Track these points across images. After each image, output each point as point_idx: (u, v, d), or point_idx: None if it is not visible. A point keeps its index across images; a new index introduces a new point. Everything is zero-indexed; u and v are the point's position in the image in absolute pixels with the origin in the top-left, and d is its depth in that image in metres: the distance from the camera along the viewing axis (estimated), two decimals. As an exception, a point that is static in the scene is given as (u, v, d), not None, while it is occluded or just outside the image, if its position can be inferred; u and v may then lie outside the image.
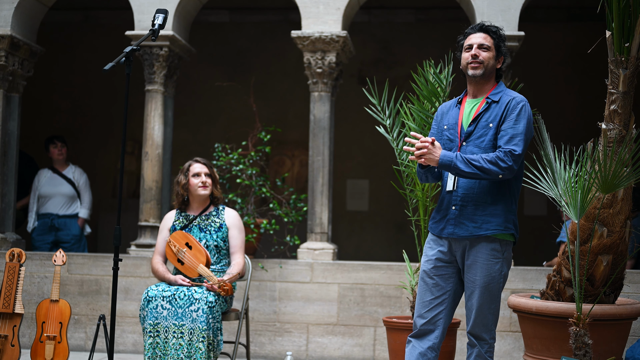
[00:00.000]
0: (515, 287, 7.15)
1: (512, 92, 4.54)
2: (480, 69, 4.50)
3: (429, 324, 4.51)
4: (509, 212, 4.40)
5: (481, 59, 4.50)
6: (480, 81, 4.54)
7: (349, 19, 7.97)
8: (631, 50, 5.02)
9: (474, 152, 4.40)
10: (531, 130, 4.43)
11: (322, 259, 7.50)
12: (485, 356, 4.39)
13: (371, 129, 6.75)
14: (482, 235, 4.37)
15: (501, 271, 4.40)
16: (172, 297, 5.56)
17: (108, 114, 11.37)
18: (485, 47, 4.51)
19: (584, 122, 8.31)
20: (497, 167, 4.26)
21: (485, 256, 4.37)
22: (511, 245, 4.47)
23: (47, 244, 8.39)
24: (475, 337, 4.42)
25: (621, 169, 4.74)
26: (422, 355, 4.49)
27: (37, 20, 8.32)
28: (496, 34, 4.56)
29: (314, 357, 7.39)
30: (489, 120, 4.42)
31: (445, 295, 4.52)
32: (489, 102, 4.48)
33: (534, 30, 8.47)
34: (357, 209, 11.14)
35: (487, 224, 4.36)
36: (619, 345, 5.09)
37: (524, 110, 4.40)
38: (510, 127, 4.35)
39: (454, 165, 4.27)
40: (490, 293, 4.39)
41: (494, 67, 4.55)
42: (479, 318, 4.39)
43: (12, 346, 5.88)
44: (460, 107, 4.59)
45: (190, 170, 6.03)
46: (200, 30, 9.80)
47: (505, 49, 4.61)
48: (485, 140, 4.41)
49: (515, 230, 4.44)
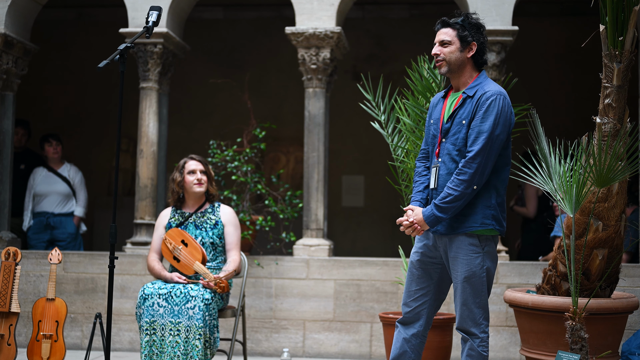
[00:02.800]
0: (511, 281, 7.16)
1: (489, 84, 4.43)
2: (444, 66, 4.47)
3: (413, 313, 4.60)
4: (487, 207, 4.37)
5: (442, 56, 4.46)
6: (453, 76, 4.50)
7: (343, 15, 7.96)
8: (625, 44, 5.03)
9: (449, 150, 4.40)
10: (506, 125, 4.34)
11: (318, 255, 7.50)
12: (478, 350, 4.39)
13: (366, 124, 6.75)
14: (460, 232, 4.39)
15: (482, 265, 4.37)
16: (169, 294, 5.56)
17: (103, 112, 11.35)
18: (446, 43, 4.46)
19: (578, 117, 8.32)
20: (464, 184, 4.27)
21: (464, 251, 4.38)
22: (493, 240, 4.44)
23: (42, 242, 8.37)
24: (465, 332, 4.43)
25: (616, 163, 4.76)
26: (407, 342, 4.60)
27: (30, 18, 8.30)
28: (460, 24, 4.48)
29: (310, 354, 7.40)
30: (462, 116, 4.39)
31: (429, 287, 4.58)
32: (464, 96, 4.43)
33: (527, 24, 8.47)
34: (352, 205, 11.14)
35: (464, 222, 4.37)
36: (615, 339, 5.10)
37: (494, 105, 4.31)
38: (477, 125, 4.31)
39: (438, 217, 4.34)
40: (473, 287, 4.38)
41: (462, 58, 4.45)
42: (465, 313, 4.40)
43: (9, 345, 5.87)
44: (444, 101, 4.56)
45: (185, 168, 6.02)
46: (194, 27, 9.78)
47: (478, 35, 4.49)
48: (459, 138, 4.38)
49: (497, 224, 4.40)
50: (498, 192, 4.42)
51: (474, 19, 4.53)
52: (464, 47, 4.46)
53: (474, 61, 4.49)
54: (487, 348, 4.41)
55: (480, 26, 4.53)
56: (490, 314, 6.97)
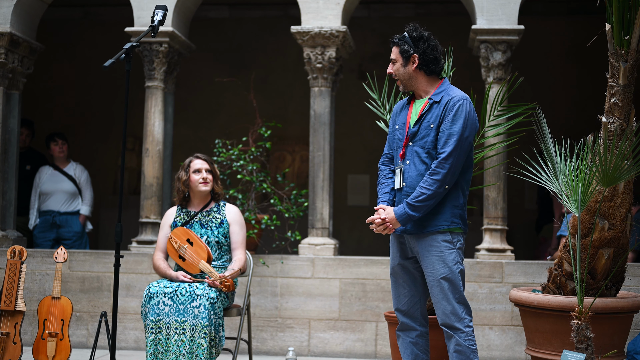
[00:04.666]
0: (517, 281, 7.15)
1: (454, 90, 4.60)
2: (400, 83, 4.70)
3: (408, 317, 4.71)
4: (455, 207, 4.53)
5: (394, 73, 4.69)
6: (412, 89, 4.69)
7: (348, 14, 7.96)
8: (631, 43, 5.02)
9: (418, 153, 4.55)
10: (473, 128, 4.50)
11: (323, 254, 7.51)
12: (465, 344, 4.45)
13: (371, 123, 6.74)
14: (431, 231, 4.50)
15: (456, 260, 4.50)
16: (174, 293, 5.57)
17: (108, 111, 11.37)
18: (393, 61, 4.70)
19: (584, 116, 8.31)
20: (437, 183, 4.43)
21: (438, 249, 4.50)
22: (462, 235, 4.58)
23: (48, 241, 8.39)
24: (449, 327, 4.51)
25: (622, 162, 4.74)
26: (414, 345, 4.71)
27: (36, 17, 8.32)
28: (400, 40, 4.66)
29: (315, 353, 7.40)
30: (430, 121, 4.54)
31: (415, 287, 4.70)
32: (430, 102, 4.57)
33: (533, 23, 8.46)
34: (358, 204, 11.14)
35: (433, 221, 4.51)
36: (621, 338, 5.09)
37: (462, 109, 4.48)
38: (447, 128, 4.48)
39: (410, 215, 4.46)
40: (450, 283, 4.48)
41: (408, 72, 4.64)
42: (448, 309, 4.48)
43: (14, 344, 5.88)
44: (409, 107, 4.71)
45: (191, 167, 6.03)
46: (200, 26, 9.79)
47: (421, 46, 4.60)
48: (428, 141, 4.54)
49: (463, 223, 4.57)
50: (464, 192, 4.59)
51: (416, 31, 4.66)
52: (406, 62, 4.65)
53: (423, 72, 4.65)
54: (473, 341, 4.48)
55: (421, 37, 4.65)
56: (495, 313, 6.98)
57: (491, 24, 7.41)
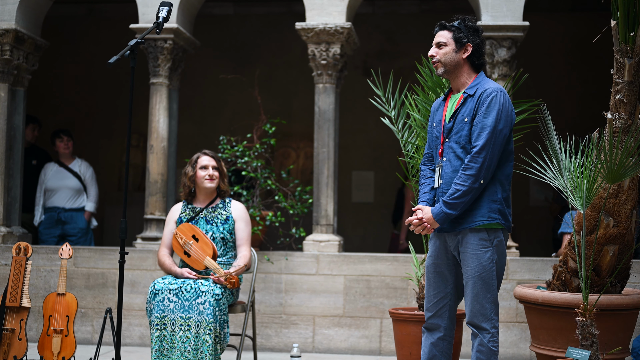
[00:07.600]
0: (522, 277, 7.15)
1: (488, 82, 4.52)
2: (440, 67, 4.57)
3: (436, 317, 4.63)
4: (493, 201, 4.43)
5: (437, 57, 4.56)
6: (450, 77, 4.60)
7: (353, 10, 7.95)
8: (636, 40, 5.01)
9: (453, 148, 4.47)
10: (508, 120, 4.41)
11: (327, 250, 7.51)
12: (488, 345, 4.41)
13: (376, 120, 6.75)
14: (467, 228, 4.43)
15: (492, 259, 4.41)
16: (179, 289, 5.57)
17: (113, 107, 11.38)
18: (441, 44, 4.55)
19: (589, 112, 8.30)
20: (471, 178, 4.34)
21: (473, 246, 4.42)
22: (501, 233, 4.48)
23: (53, 237, 8.41)
24: (475, 327, 4.45)
25: (627, 159, 4.73)
26: (434, 346, 4.64)
27: (41, 14, 8.33)
28: (456, 27, 4.55)
29: (320, 349, 7.41)
30: (465, 114, 4.47)
31: (447, 289, 4.61)
32: (465, 96, 4.51)
33: (537, 20, 8.45)
34: (362, 201, 11.14)
35: (470, 217, 4.42)
36: (626, 335, 5.09)
37: (495, 101, 4.39)
38: (480, 120, 4.39)
39: (447, 214, 4.39)
40: (484, 282, 4.41)
41: (457, 59, 4.54)
42: (477, 308, 4.42)
43: (20, 340, 5.89)
44: (445, 103, 4.64)
45: (198, 163, 6.03)
46: (204, 22, 9.79)
47: (474, 37, 4.55)
48: (462, 135, 4.46)
49: (503, 218, 4.46)
50: (503, 187, 4.48)
51: (471, 22, 4.60)
52: (459, 48, 4.54)
53: (470, 62, 4.58)
54: (497, 343, 4.42)
55: (477, 29, 4.60)
56: (500, 309, 6.98)
57: (496, 21, 7.41)
